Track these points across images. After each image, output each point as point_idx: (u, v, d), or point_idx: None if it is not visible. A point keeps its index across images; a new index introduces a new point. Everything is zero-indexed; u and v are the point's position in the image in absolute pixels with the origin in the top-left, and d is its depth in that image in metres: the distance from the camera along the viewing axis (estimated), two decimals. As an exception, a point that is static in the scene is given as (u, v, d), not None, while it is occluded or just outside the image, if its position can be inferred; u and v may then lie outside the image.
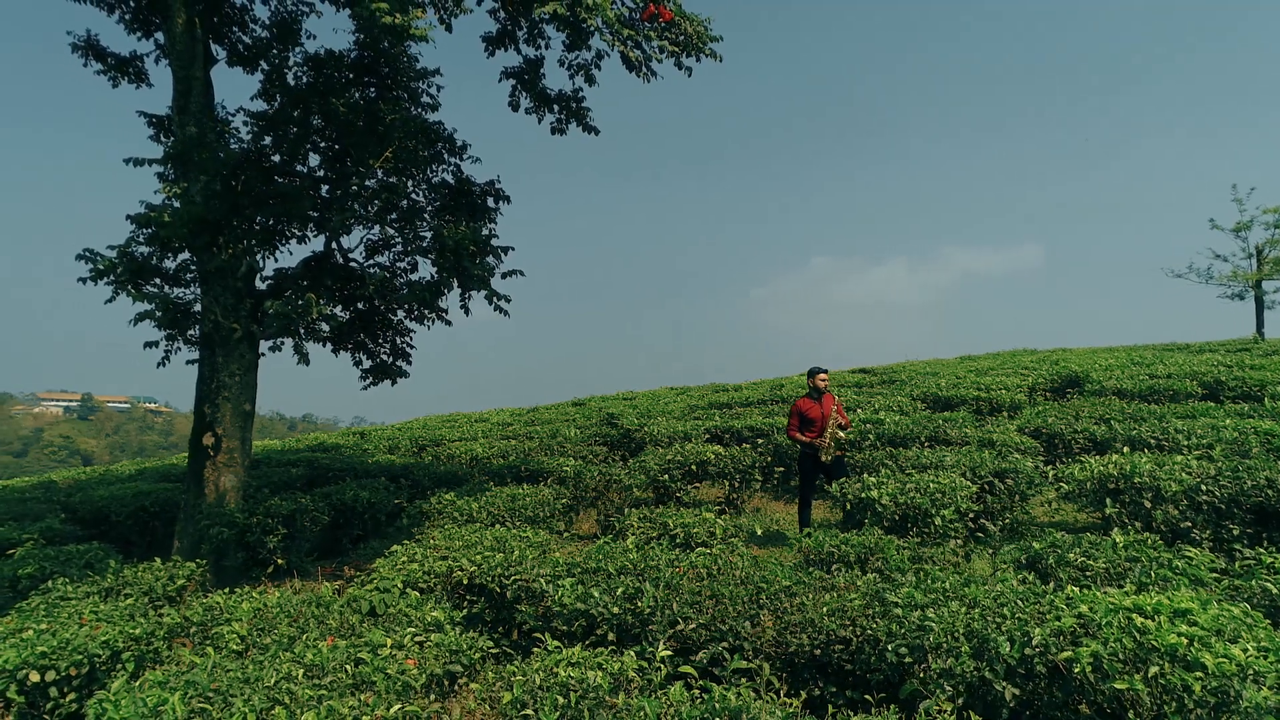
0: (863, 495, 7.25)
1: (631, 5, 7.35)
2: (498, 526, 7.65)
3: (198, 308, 8.75)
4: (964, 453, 8.40)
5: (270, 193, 8.08)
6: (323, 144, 9.28)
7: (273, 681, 4.13)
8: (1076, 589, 4.71)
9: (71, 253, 8.23)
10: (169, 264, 8.66)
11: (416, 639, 4.90)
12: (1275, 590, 4.78)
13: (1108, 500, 7.18)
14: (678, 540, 7.01)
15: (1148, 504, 7.00)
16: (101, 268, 8.16)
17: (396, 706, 3.93)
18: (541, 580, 6.02)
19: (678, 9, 7.69)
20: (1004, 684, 4.21)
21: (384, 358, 10.04)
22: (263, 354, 9.91)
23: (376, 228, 8.90)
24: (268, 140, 8.99)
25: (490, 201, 9.53)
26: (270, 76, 9.59)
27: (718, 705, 3.71)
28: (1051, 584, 5.16)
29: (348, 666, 4.33)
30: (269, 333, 8.49)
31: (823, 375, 8.66)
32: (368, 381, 9.98)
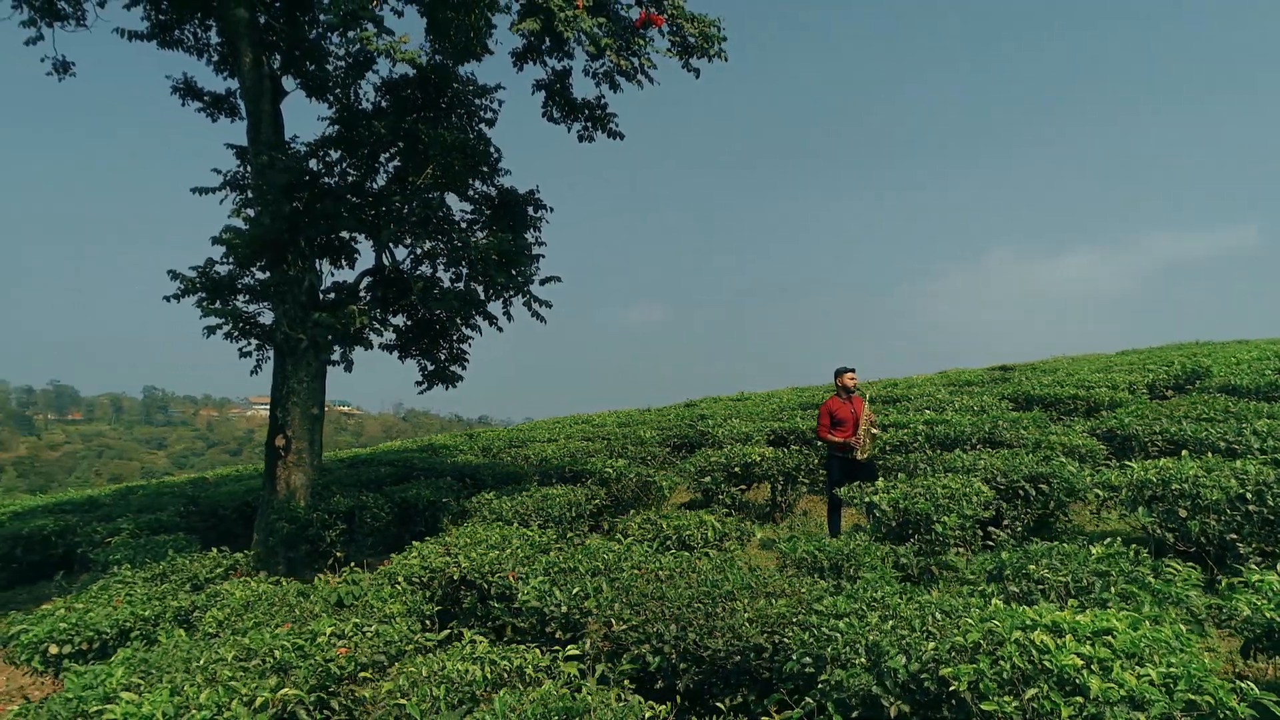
0: (866, 500, 7.01)
1: (623, 16, 7.43)
2: (515, 525, 7.93)
3: (264, 319, 9.59)
4: (1004, 456, 7.91)
5: (322, 212, 8.75)
6: (384, 163, 9.95)
7: (203, 662, 4.57)
8: (1001, 603, 4.42)
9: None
10: (246, 280, 9.53)
11: (364, 629, 5.23)
12: (1248, 611, 4.28)
13: (1140, 509, 6.59)
14: (669, 543, 7.04)
15: (1183, 512, 6.37)
16: (184, 286, 9.13)
17: (294, 691, 4.24)
18: (510, 578, 6.25)
19: (680, 12, 7.70)
20: (893, 700, 4.05)
21: (443, 363, 10.60)
22: (335, 361, 10.76)
23: (426, 241, 9.43)
24: (331, 159, 9.73)
25: (532, 210, 9.88)
26: (342, 103, 10.39)
27: (556, 704, 3.79)
28: (996, 598, 4.85)
29: (275, 651, 4.69)
30: (320, 341, 9.17)
31: (850, 374, 8.41)
32: (423, 386, 10.59)
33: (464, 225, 10.09)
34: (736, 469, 9.70)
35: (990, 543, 7.01)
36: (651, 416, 19.15)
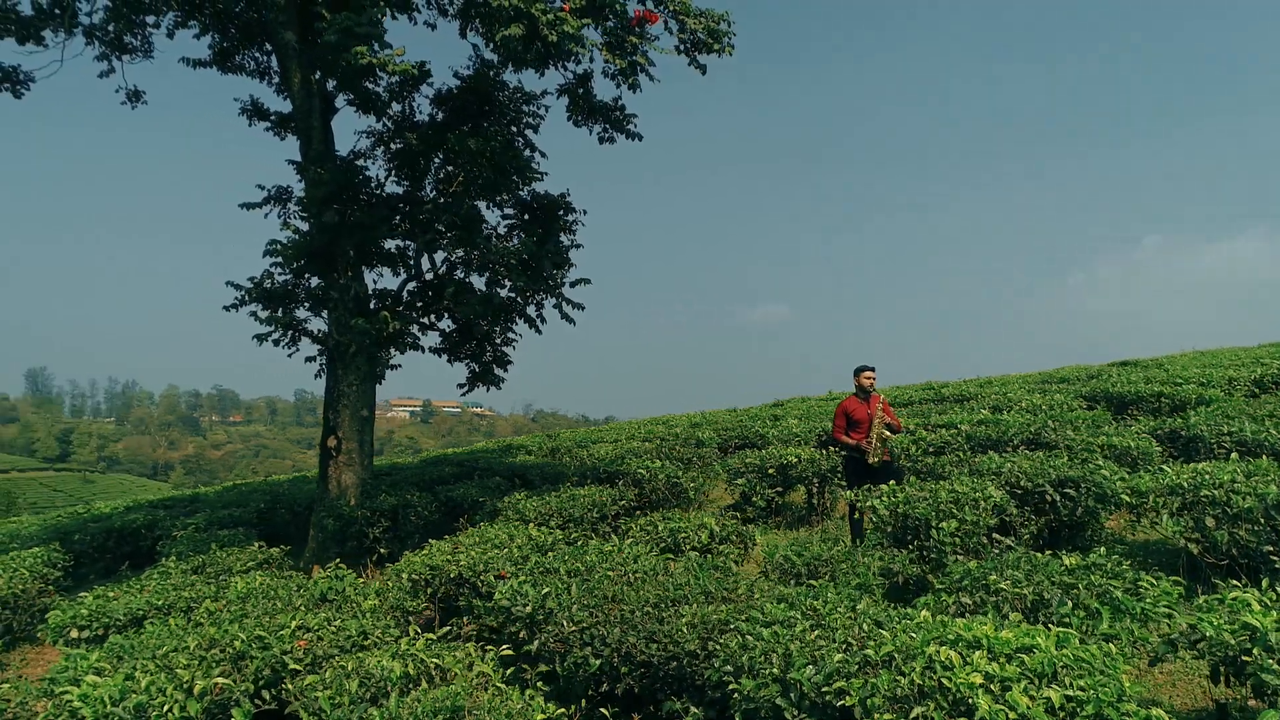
0: (869, 504, 6.74)
1: (622, 14, 7.39)
2: (531, 525, 8.05)
3: (310, 326, 10.11)
4: (1038, 458, 7.42)
5: (356, 223, 9.15)
6: (420, 174, 10.31)
7: (164, 650, 4.88)
8: (929, 615, 4.17)
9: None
10: (298, 290, 10.08)
11: (331, 623, 5.45)
12: (1211, 633, 3.88)
13: (1166, 517, 6.06)
14: (664, 545, 6.98)
15: (1211, 521, 5.81)
16: (240, 297, 9.75)
17: (225, 681, 4.48)
18: (490, 577, 6.36)
19: (684, 7, 7.61)
20: (796, 713, 3.90)
21: (488, 364, 10.87)
22: (397, 365, 11.22)
23: (457, 248, 9.70)
24: (370, 171, 10.19)
25: (563, 214, 10.00)
26: (390, 117, 10.86)
27: (445, 702, 3.84)
28: (926, 610, 4.58)
29: (235, 643, 4.95)
30: (358, 346, 9.58)
31: (868, 374, 8.09)
32: (465, 389, 10.89)
33: (503, 231, 10.33)
34: (771, 470, 9.48)
35: (996, 550, 6.59)
36: (729, 417, 18.94)
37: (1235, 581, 4.77)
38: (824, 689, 3.81)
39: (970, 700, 3.40)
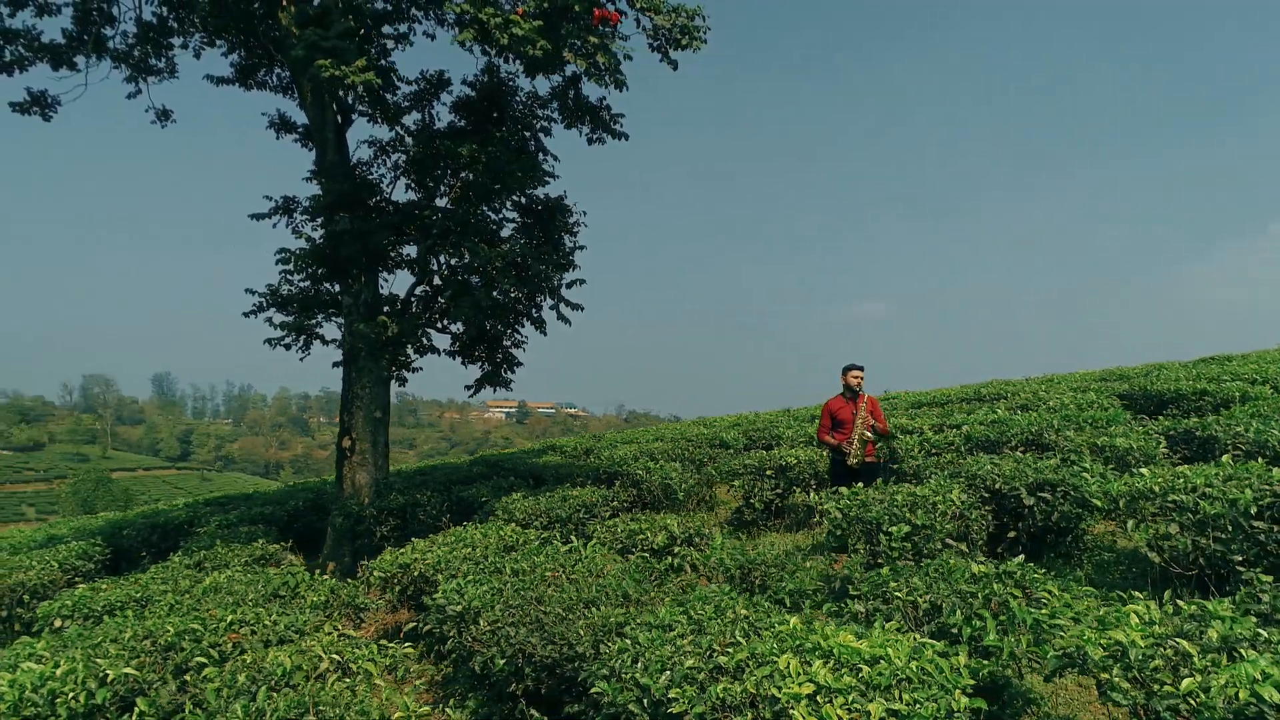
0: (821, 507, 6.56)
1: (576, 19, 7.35)
2: (510, 525, 8.13)
3: (322, 331, 10.45)
4: (1025, 460, 7.06)
5: (357, 230, 9.45)
6: (421, 181, 10.56)
7: (95, 641, 5.16)
8: (799, 622, 4.04)
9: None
10: (311, 295, 10.46)
11: (267, 617, 5.65)
12: (1089, 649, 3.63)
13: (1130, 523, 5.69)
14: (622, 546, 6.95)
15: (1175, 529, 5.43)
16: (257, 303, 10.19)
17: (132, 671, 4.70)
18: (440, 576, 6.46)
19: (654, 4, 7.54)
20: (647, 718, 3.85)
21: (499, 365, 11.03)
22: (419, 368, 11.54)
23: (453, 253, 9.88)
24: (373, 178, 10.49)
25: (561, 217, 10.07)
26: (404, 128, 11.16)
27: (306, 698, 3.94)
28: (812, 618, 4.43)
29: (164, 635, 5.19)
30: (360, 350, 9.87)
31: (855, 373, 7.84)
32: (473, 391, 11.07)
33: (507, 234, 10.47)
34: (769, 471, 9.31)
35: (962, 554, 6.30)
36: (783, 417, 18.65)
37: (1200, 595, 4.45)
38: (667, 694, 3.74)
39: (791, 711, 3.29)
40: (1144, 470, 6.20)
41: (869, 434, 7.67)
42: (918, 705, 3.24)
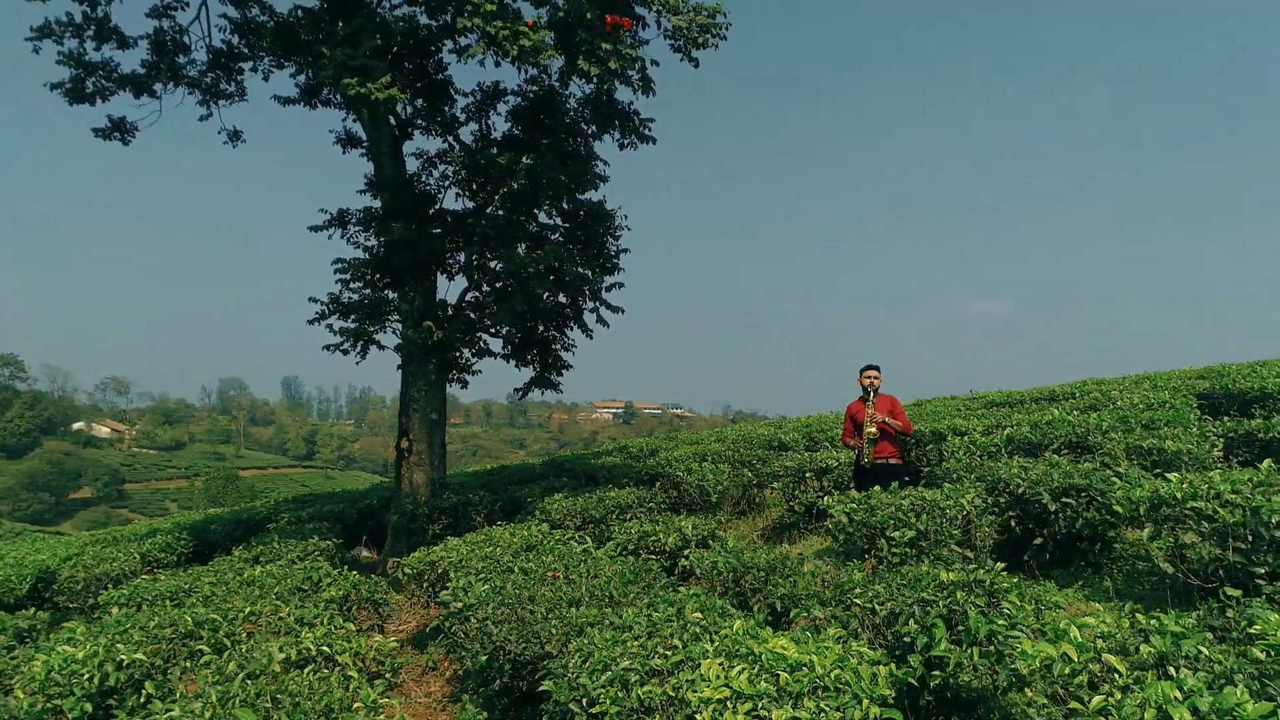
0: (832, 509, 6.45)
1: (588, 27, 7.43)
2: (544, 525, 8.32)
3: (380, 337, 10.92)
4: (1057, 463, 6.74)
5: (404, 240, 9.84)
6: (473, 192, 10.90)
7: (126, 628, 5.60)
8: (741, 626, 4.03)
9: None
10: (369, 303, 10.95)
11: (283, 610, 5.98)
12: (1027, 663, 3.50)
13: (1147, 530, 5.38)
14: (631, 548, 7.01)
15: (1191, 537, 5.13)
16: (319, 311, 10.74)
17: (142, 656, 5.08)
18: (456, 573, 6.69)
19: (672, 5, 7.56)
20: (584, 717, 3.92)
21: (549, 367, 11.26)
22: (478, 371, 11.90)
23: (495, 260, 10.16)
24: (428, 188, 10.89)
25: (606, 222, 10.20)
26: (460, 141, 11.55)
27: (272, 686, 4.19)
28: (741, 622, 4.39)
29: (183, 625, 5.59)
30: (407, 354, 10.25)
31: (869, 374, 7.65)
32: (521, 393, 11.31)
33: (557, 239, 10.68)
34: (809, 474, 9.18)
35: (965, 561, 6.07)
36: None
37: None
38: (595, 693, 3.80)
39: (698, 716, 3.31)
40: (1171, 475, 5.83)
41: (874, 431, 7.48)
42: (823, 714, 3.20)
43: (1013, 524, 6.49)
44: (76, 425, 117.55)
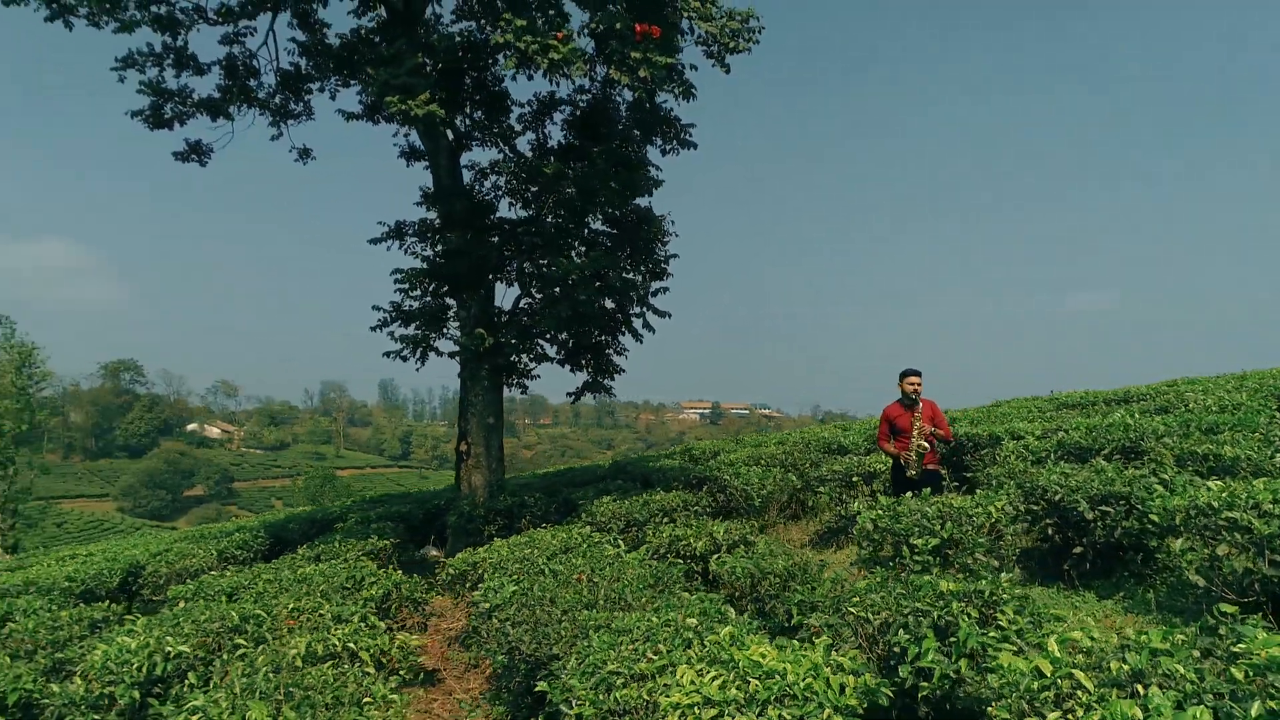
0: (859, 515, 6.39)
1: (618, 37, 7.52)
2: (587, 528, 8.48)
3: (438, 344, 11.26)
4: (1100, 468, 6.52)
5: (459, 248, 10.16)
6: (526, 201, 11.17)
7: (178, 621, 6.00)
8: (730, 632, 4.08)
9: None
10: (428, 311, 11.33)
11: (324, 607, 6.30)
12: (1013, 678, 3.45)
13: (1180, 541, 5.18)
14: (660, 552, 7.09)
15: (1224, 549, 4.91)
16: (381, 318, 11.19)
17: (186, 649, 5.45)
18: (488, 571, 6.91)
19: (704, 11, 7.61)
20: (572, 715, 4.05)
21: (603, 371, 11.43)
22: (537, 375, 12.17)
23: (545, 267, 10.37)
24: (483, 199, 11.22)
25: (652, 227, 10.30)
26: (515, 151, 11.86)
27: (286, 678, 4.45)
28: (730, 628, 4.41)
29: (229, 620, 5.95)
30: (466, 360, 10.57)
31: (911, 379, 7.50)
32: (574, 398, 11.49)
33: (608, 245, 10.85)
34: (855, 478, 9.08)
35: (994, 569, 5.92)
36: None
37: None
38: (579, 694, 3.91)
39: (665, 717, 3.38)
40: (1212, 483, 5.57)
41: (925, 445, 7.32)
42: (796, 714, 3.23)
43: (1051, 532, 6.30)
44: (190, 426, 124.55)
